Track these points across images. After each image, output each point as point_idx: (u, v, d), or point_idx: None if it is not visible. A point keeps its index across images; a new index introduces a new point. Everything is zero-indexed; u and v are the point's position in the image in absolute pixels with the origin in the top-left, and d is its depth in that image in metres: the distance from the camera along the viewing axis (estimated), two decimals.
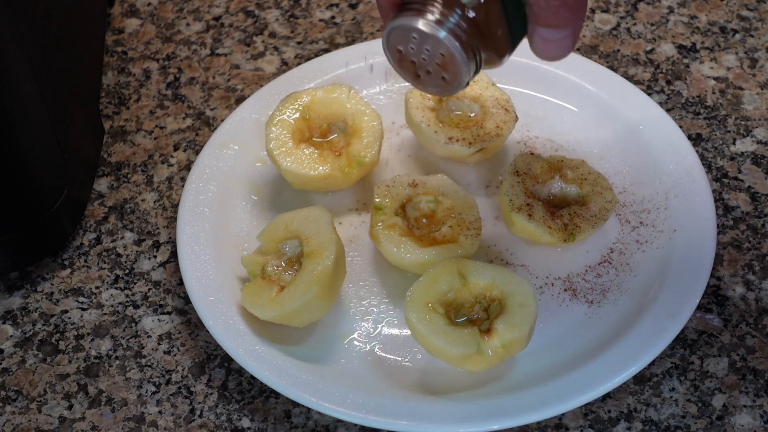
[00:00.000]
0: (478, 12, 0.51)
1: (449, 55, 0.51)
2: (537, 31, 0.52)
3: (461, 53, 0.51)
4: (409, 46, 0.52)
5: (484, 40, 0.52)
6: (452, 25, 0.51)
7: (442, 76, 0.53)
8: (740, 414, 0.60)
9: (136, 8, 0.84)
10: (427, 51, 0.52)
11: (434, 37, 0.51)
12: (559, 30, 0.52)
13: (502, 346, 0.58)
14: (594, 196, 0.66)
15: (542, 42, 0.53)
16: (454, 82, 0.53)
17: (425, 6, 0.51)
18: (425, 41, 0.51)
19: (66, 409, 0.63)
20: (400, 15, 0.51)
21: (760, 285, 0.65)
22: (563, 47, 0.53)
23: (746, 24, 0.80)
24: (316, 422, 0.61)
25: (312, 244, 0.62)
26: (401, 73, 0.54)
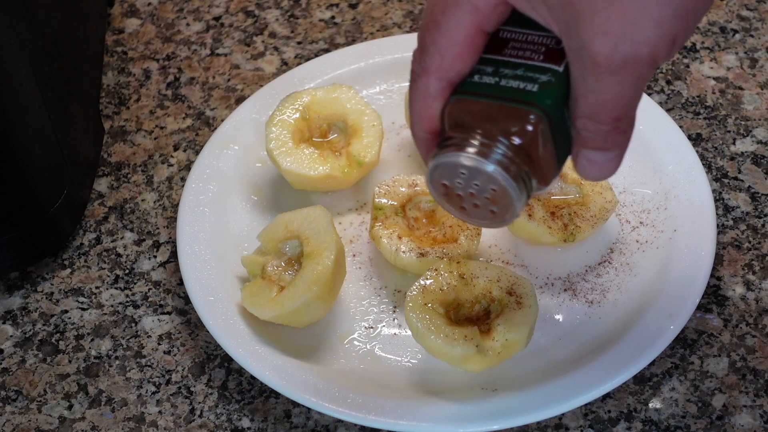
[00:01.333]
0: (525, 140, 0.48)
1: (500, 189, 0.49)
2: (583, 153, 0.49)
3: (513, 186, 0.48)
4: (456, 181, 0.49)
5: (533, 166, 0.49)
6: (499, 156, 0.48)
7: (491, 210, 0.50)
8: (740, 414, 0.60)
9: (136, 8, 0.84)
10: (476, 186, 0.49)
11: (483, 172, 0.48)
12: (608, 152, 0.49)
13: (502, 346, 0.58)
14: (594, 196, 0.66)
15: (588, 164, 0.49)
16: (506, 214, 0.50)
17: (468, 139, 0.48)
18: (474, 177, 0.49)
19: (66, 409, 0.63)
20: (444, 150, 0.49)
21: (760, 285, 0.65)
22: (610, 168, 0.50)
23: (746, 24, 0.80)
24: (316, 422, 0.61)
25: (312, 244, 0.62)
26: (447, 207, 0.51)
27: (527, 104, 0.48)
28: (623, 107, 0.47)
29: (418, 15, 0.82)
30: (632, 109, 0.48)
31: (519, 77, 0.48)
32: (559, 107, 0.48)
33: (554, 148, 0.49)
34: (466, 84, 0.49)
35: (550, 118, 0.48)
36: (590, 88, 0.47)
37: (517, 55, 0.49)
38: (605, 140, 0.48)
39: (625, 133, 0.49)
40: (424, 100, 0.50)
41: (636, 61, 0.45)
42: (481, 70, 0.49)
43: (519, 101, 0.48)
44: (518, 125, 0.48)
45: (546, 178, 0.50)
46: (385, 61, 0.76)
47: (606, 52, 0.45)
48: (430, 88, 0.50)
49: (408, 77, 0.75)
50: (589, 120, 0.48)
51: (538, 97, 0.48)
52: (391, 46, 0.76)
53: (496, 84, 0.49)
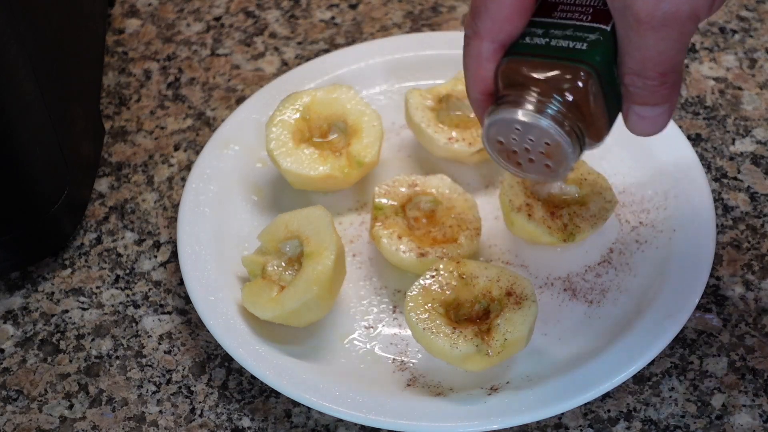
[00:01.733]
0: (576, 96, 0.50)
1: (554, 143, 0.51)
2: (632, 109, 0.51)
3: (566, 140, 0.50)
4: (511, 137, 0.52)
5: (585, 122, 0.51)
6: (553, 112, 0.50)
7: (546, 164, 0.52)
8: (739, 413, 0.60)
9: (136, 9, 0.84)
10: (531, 141, 0.51)
11: (538, 126, 0.50)
12: (656, 107, 0.51)
13: (501, 346, 0.58)
14: (593, 196, 0.66)
15: (638, 119, 0.52)
16: (560, 168, 0.52)
17: (523, 96, 0.50)
18: (528, 131, 0.51)
19: (66, 408, 0.63)
20: (499, 108, 0.51)
21: (759, 285, 0.66)
22: (660, 123, 0.52)
23: (746, 24, 0.80)
24: (316, 422, 0.61)
25: (312, 244, 0.62)
26: (502, 164, 0.53)
27: (578, 61, 0.50)
28: (668, 62, 0.49)
29: (418, 15, 0.82)
30: (677, 64, 0.50)
31: (568, 37, 0.51)
32: (608, 65, 0.50)
33: (605, 104, 0.51)
34: (518, 45, 0.52)
35: (600, 74, 0.50)
36: (635, 45, 0.49)
37: (565, 17, 0.51)
38: (653, 95, 0.50)
39: (672, 87, 0.50)
40: (477, 62, 0.52)
41: (677, 17, 0.48)
42: (532, 32, 0.52)
43: (570, 59, 0.50)
44: (570, 81, 0.50)
45: (598, 134, 0.52)
46: (385, 61, 0.76)
47: (648, 10, 0.47)
48: (482, 50, 0.52)
49: (408, 78, 0.76)
50: (636, 76, 0.50)
51: (588, 55, 0.50)
52: (391, 46, 0.77)
53: (546, 44, 0.51)
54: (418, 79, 0.75)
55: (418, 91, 0.71)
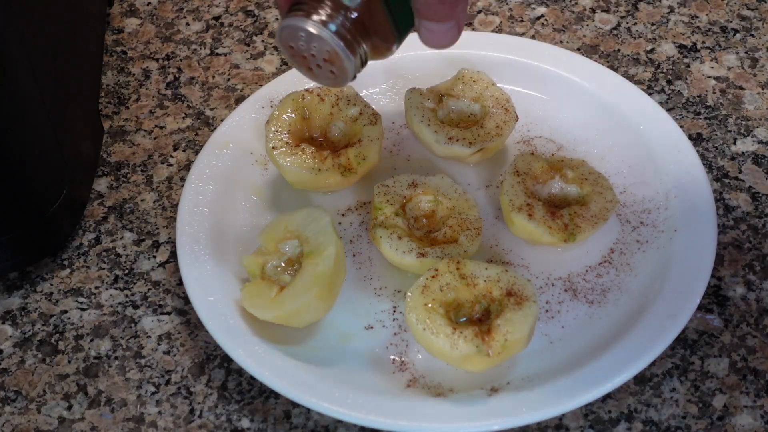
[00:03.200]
0: (360, 12, 0.54)
1: (334, 52, 0.54)
2: (423, 23, 0.55)
3: (344, 50, 0.54)
4: (299, 44, 0.55)
5: (370, 36, 0.55)
6: (336, 25, 0.54)
7: (331, 70, 0.56)
8: (741, 414, 0.60)
9: (135, 8, 0.84)
10: (315, 48, 0.55)
11: (318, 36, 0.54)
12: (442, 23, 0.55)
13: (502, 346, 0.58)
14: (594, 196, 0.66)
15: (427, 33, 0.56)
16: (342, 75, 0.56)
17: (313, 7, 0.54)
18: (312, 40, 0.54)
19: (65, 409, 0.62)
20: (290, 14, 0.54)
21: (760, 285, 0.65)
22: (448, 38, 0.56)
23: (747, 24, 0.80)
24: (316, 422, 0.61)
25: (312, 244, 0.62)
26: (296, 67, 0.57)
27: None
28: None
29: None
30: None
31: None
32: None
33: (390, 17, 0.55)
34: None
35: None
36: None
37: None
38: (436, 12, 0.54)
39: (452, 5, 0.54)
40: None
41: None
42: None
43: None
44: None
45: (385, 47, 0.56)
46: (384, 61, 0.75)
47: None
48: None
49: (408, 78, 0.76)
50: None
51: None
52: None
53: None
54: (418, 79, 0.75)
55: (418, 91, 0.71)
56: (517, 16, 0.82)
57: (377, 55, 0.57)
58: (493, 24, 0.82)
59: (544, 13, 0.82)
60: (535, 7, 0.83)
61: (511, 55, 0.75)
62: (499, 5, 0.83)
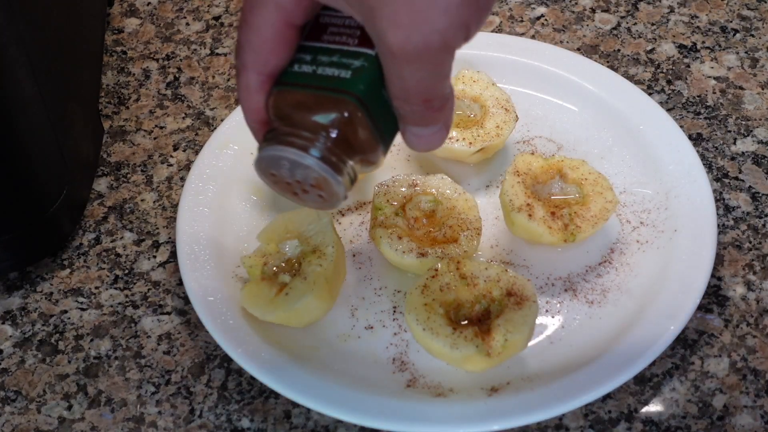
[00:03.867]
0: (341, 129, 0.49)
1: (321, 178, 0.51)
2: (407, 128, 0.51)
3: (332, 175, 0.50)
4: (282, 171, 0.51)
5: (355, 151, 0.51)
6: (319, 149, 0.50)
7: (319, 194, 0.52)
8: (741, 414, 0.60)
9: (135, 8, 0.84)
10: (300, 175, 0.51)
11: (302, 164, 0.50)
12: (429, 127, 0.51)
13: (502, 346, 0.58)
14: (594, 196, 0.66)
15: (414, 138, 0.52)
16: (331, 198, 0.52)
17: (290, 132, 0.50)
18: (295, 168, 0.51)
19: (65, 409, 0.62)
20: (266, 144, 0.51)
21: (760, 285, 0.65)
22: (436, 140, 0.52)
23: (747, 24, 0.80)
24: (316, 422, 0.61)
25: (312, 244, 0.62)
26: (280, 193, 0.53)
27: (340, 92, 0.49)
28: (428, 90, 0.49)
29: None
30: (438, 90, 0.49)
31: (334, 64, 0.50)
32: (376, 90, 0.49)
33: (375, 129, 0.50)
34: (287, 74, 0.51)
35: (364, 103, 0.49)
36: (395, 74, 0.48)
37: (334, 41, 0.50)
38: (422, 118, 0.50)
39: (439, 110, 0.50)
40: (246, 94, 0.52)
41: (428, 49, 0.47)
42: (301, 58, 0.51)
43: (333, 89, 0.49)
44: (333, 115, 0.49)
45: (374, 158, 0.52)
46: None
47: (399, 43, 0.46)
48: (250, 82, 0.51)
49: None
50: (401, 101, 0.50)
51: (351, 84, 0.49)
52: None
53: (313, 72, 0.50)
54: None
55: None
56: (517, 16, 0.82)
57: (366, 167, 0.53)
58: (493, 24, 0.82)
59: (544, 13, 0.82)
60: (535, 7, 0.83)
61: (511, 55, 0.75)
62: (499, 5, 0.83)
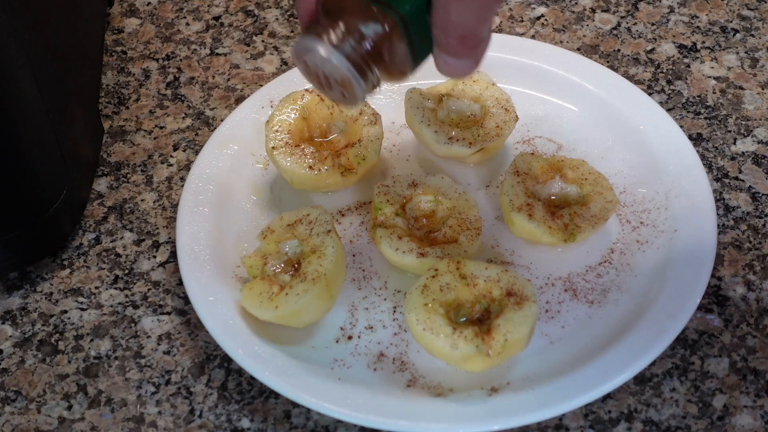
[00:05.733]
0: (378, 40, 0.53)
1: (345, 77, 0.54)
2: (440, 55, 0.54)
3: (356, 77, 0.53)
4: (314, 62, 0.54)
5: (384, 62, 0.54)
6: (350, 50, 0.53)
7: (342, 92, 0.55)
8: (741, 414, 0.60)
9: (135, 8, 0.84)
10: (327, 69, 0.54)
11: (330, 61, 0.53)
12: (460, 59, 0.54)
13: (502, 347, 0.58)
14: (594, 196, 0.66)
15: (444, 65, 0.55)
16: (352, 99, 0.55)
17: (329, 28, 0.53)
18: (324, 62, 0.54)
19: (65, 409, 0.62)
20: (307, 33, 0.54)
21: (760, 285, 0.65)
22: (466, 70, 0.55)
23: (747, 24, 0.80)
24: (316, 422, 0.61)
25: (312, 244, 0.62)
26: (310, 81, 0.56)
27: (388, 7, 0.53)
28: (467, 28, 0.52)
29: None
30: (477, 30, 0.53)
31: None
32: (421, 14, 0.53)
33: (409, 48, 0.54)
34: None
35: (406, 23, 0.53)
36: (441, 6, 0.52)
37: None
38: (456, 51, 0.54)
39: (473, 48, 0.53)
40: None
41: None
42: None
43: (381, 2, 0.53)
44: (374, 25, 0.53)
45: (400, 73, 0.55)
46: None
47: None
48: None
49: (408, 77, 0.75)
50: (440, 32, 0.53)
51: (399, 2, 0.53)
52: None
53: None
54: (418, 79, 0.75)
55: (418, 91, 0.71)
56: (517, 16, 0.82)
57: (390, 79, 0.56)
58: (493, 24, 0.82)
59: (544, 13, 0.82)
60: (535, 7, 0.83)
61: (511, 55, 0.75)
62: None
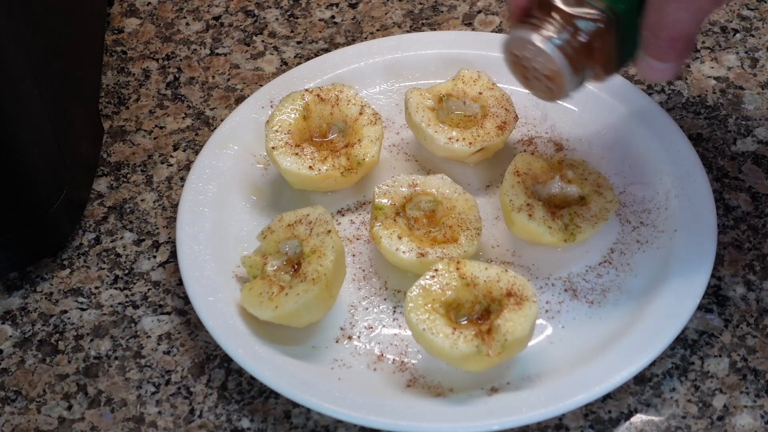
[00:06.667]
0: (591, 35, 0.56)
1: (557, 69, 0.56)
2: (644, 58, 0.57)
3: (568, 70, 0.56)
4: (524, 54, 0.57)
5: (593, 61, 0.57)
6: (564, 43, 0.55)
7: (548, 86, 0.58)
8: (741, 414, 0.60)
9: (135, 8, 0.84)
10: (540, 62, 0.56)
11: (546, 53, 0.55)
12: (665, 63, 0.57)
13: (502, 346, 0.58)
14: (594, 196, 0.66)
15: (647, 67, 0.57)
16: (559, 92, 0.58)
17: (545, 21, 0.56)
18: (538, 54, 0.56)
19: (65, 409, 0.62)
20: (523, 25, 0.56)
21: (760, 285, 0.65)
22: (665, 75, 0.58)
23: (747, 24, 0.80)
24: (316, 422, 0.61)
25: (312, 244, 0.62)
26: (513, 73, 0.58)
27: (604, 5, 0.55)
28: (679, 30, 0.55)
29: (418, 14, 0.82)
30: (689, 34, 0.55)
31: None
32: (634, 14, 0.56)
33: (617, 47, 0.57)
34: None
35: (619, 20, 0.55)
36: (656, 6, 0.55)
37: None
38: (663, 53, 0.56)
39: (681, 51, 0.56)
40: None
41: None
42: None
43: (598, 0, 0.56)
44: (589, 21, 0.55)
45: (606, 72, 0.58)
46: (385, 61, 0.76)
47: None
48: None
49: (408, 77, 0.76)
50: (650, 33, 0.56)
51: (616, 1, 0.55)
52: (391, 46, 0.76)
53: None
54: (418, 79, 0.75)
55: (418, 91, 0.71)
56: None
57: (594, 77, 0.58)
58: (493, 24, 0.82)
59: None
60: None
61: None
62: (499, 5, 0.83)
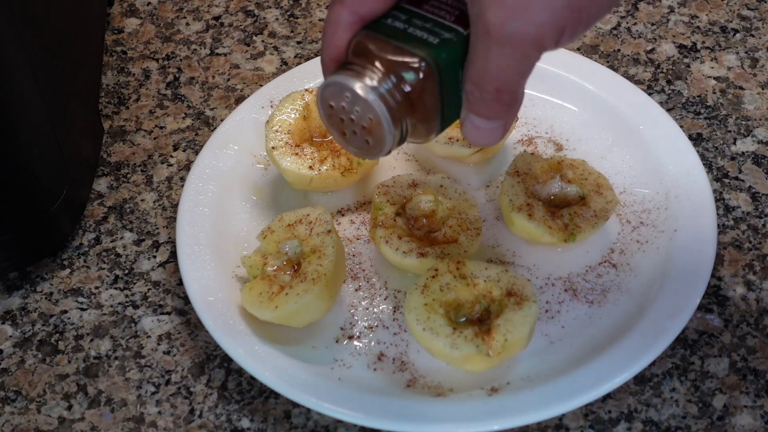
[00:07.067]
0: (412, 85, 0.51)
1: (376, 120, 0.52)
2: (468, 117, 0.52)
3: (388, 121, 0.51)
4: (341, 104, 0.52)
5: (415, 115, 0.52)
6: (386, 93, 0.51)
7: (366, 140, 0.53)
8: (741, 414, 0.60)
9: (135, 8, 0.84)
10: (357, 112, 0.52)
11: (366, 100, 0.51)
12: (490, 121, 0.52)
13: (502, 346, 0.58)
14: (594, 196, 0.66)
15: (472, 128, 0.53)
16: (377, 147, 0.53)
17: (365, 69, 0.51)
18: (357, 102, 0.52)
19: (65, 409, 0.62)
20: (340, 72, 0.52)
21: (760, 285, 0.65)
22: (493, 137, 0.53)
23: (747, 24, 0.80)
24: (316, 422, 0.61)
25: (312, 244, 0.62)
26: (328, 127, 0.54)
27: (424, 53, 0.51)
28: (505, 80, 0.50)
29: None
30: (514, 85, 0.50)
31: (426, 29, 0.52)
32: (454, 66, 0.51)
33: (440, 101, 0.52)
34: (378, 24, 0.53)
35: (442, 72, 0.51)
36: (479, 55, 0.49)
37: (432, 12, 0.53)
38: (488, 108, 0.51)
39: (507, 106, 0.51)
40: (333, 29, 0.53)
41: (522, 38, 0.48)
42: (396, 15, 0.53)
43: (417, 48, 0.51)
44: (410, 70, 0.51)
45: (426, 130, 0.54)
46: None
47: (497, 23, 0.48)
48: (341, 18, 0.52)
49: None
50: (474, 85, 0.51)
51: (436, 50, 0.51)
52: None
53: (404, 30, 0.52)
54: None
55: None
56: None
57: (413, 138, 0.54)
58: None
59: None
60: None
61: None
62: None
